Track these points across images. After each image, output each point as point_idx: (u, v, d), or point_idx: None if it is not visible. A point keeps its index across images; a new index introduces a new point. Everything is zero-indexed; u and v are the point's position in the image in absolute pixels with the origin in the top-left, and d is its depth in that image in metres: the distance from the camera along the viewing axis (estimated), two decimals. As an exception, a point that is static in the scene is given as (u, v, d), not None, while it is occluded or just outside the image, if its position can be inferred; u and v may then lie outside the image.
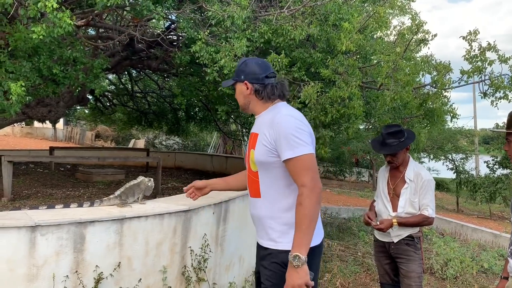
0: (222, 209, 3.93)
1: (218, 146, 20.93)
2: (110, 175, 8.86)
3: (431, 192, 3.28)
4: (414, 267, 3.30)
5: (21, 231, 2.67)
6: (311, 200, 2.01)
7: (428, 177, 3.32)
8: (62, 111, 8.10)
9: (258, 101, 2.29)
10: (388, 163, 3.42)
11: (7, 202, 6.11)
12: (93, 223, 2.91)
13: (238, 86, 2.33)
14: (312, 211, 2.01)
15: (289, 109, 2.25)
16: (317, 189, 2.04)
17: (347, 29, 4.99)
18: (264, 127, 2.19)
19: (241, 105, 2.36)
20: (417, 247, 3.35)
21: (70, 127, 29.25)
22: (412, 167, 3.36)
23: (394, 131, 3.40)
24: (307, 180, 2.03)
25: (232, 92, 5.86)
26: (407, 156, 3.41)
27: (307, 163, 2.05)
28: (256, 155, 2.20)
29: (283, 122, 2.11)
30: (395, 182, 3.40)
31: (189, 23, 5.44)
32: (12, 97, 4.40)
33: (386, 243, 3.46)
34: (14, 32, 4.55)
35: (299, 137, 2.07)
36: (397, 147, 3.31)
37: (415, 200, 3.30)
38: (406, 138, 3.36)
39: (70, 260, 2.84)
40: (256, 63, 2.31)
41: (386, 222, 3.30)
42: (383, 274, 3.55)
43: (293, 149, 2.05)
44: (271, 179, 2.20)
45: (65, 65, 5.66)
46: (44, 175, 9.13)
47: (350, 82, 4.99)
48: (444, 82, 4.77)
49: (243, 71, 2.29)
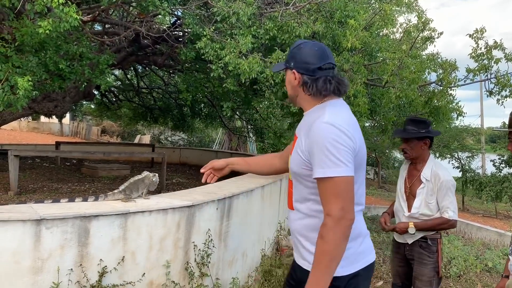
0: (225, 205, 3.94)
1: (223, 142, 20.98)
2: (115, 170, 8.92)
3: (450, 193, 3.09)
4: (426, 271, 3.16)
5: (26, 224, 2.70)
6: (336, 234, 1.67)
7: (447, 177, 3.11)
8: (68, 106, 8.16)
9: (306, 96, 1.89)
10: (403, 152, 3.26)
11: (13, 196, 6.18)
12: (98, 217, 2.93)
13: (287, 73, 1.94)
14: (334, 247, 1.67)
15: (335, 113, 1.80)
16: (345, 221, 1.68)
17: (353, 26, 4.98)
18: (303, 131, 1.85)
19: (290, 96, 2.01)
20: (432, 250, 3.18)
21: (76, 122, 29.43)
22: (431, 166, 3.17)
23: (417, 120, 3.26)
24: (335, 210, 1.67)
25: (236, 88, 5.89)
26: (427, 154, 3.21)
27: (337, 189, 1.68)
28: (291, 164, 1.90)
29: (319, 131, 1.72)
30: (412, 181, 3.24)
31: (194, 19, 5.46)
32: (19, 92, 4.45)
33: (401, 244, 3.33)
34: (21, 27, 4.59)
35: (335, 154, 1.67)
36: (412, 134, 3.15)
37: (431, 201, 3.12)
38: (427, 131, 3.18)
39: (75, 253, 2.87)
40: (311, 49, 1.88)
41: (402, 225, 3.17)
42: (395, 275, 3.46)
43: (324, 168, 1.68)
44: (303, 193, 1.87)
45: (71, 60, 5.70)
46: (50, 169, 9.20)
47: (355, 79, 4.99)
48: (449, 80, 4.76)
49: (293, 57, 1.90)
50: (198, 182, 8.28)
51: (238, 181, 5.00)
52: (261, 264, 4.77)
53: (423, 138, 3.16)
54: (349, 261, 1.80)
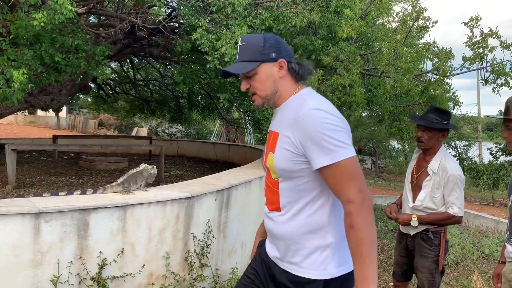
0: (224, 196, 3.96)
1: (221, 134, 20.97)
2: (113, 163, 8.92)
3: (458, 189, 2.96)
4: (426, 263, 3.09)
5: (25, 217, 2.71)
6: (364, 218, 1.58)
7: (455, 171, 2.96)
8: (64, 99, 8.13)
9: (288, 86, 1.76)
10: (417, 140, 3.11)
11: (12, 190, 6.17)
12: (97, 210, 2.95)
13: (264, 69, 1.72)
14: (369, 232, 1.58)
15: (317, 99, 1.71)
16: (367, 202, 1.60)
17: (349, 15, 4.97)
18: (286, 125, 1.71)
19: (267, 95, 1.76)
20: (434, 243, 3.07)
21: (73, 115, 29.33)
22: (440, 158, 3.03)
23: (441, 109, 3.11)
24: (354, 194, 1.57)
25: (233, 79, 5.87)
26: (439, 146, 3.08)
27: (350, 171, 1.58)
28: (277, 162, 1.73)
29: (312, 119, 1.61)
30: (419, 172, 3.14)
31: (190, 10, 5.43)
32: (14, 85, 4.42)
33: (404, 235, 3.28)
34: (15, 19, 4.54)
35: (335, 137, 1.58)
36: (434, 123, 2.99)
37: (436, 195, 3.01)
38: (448, 124, 3.05)
39: (74, 246, 2.89)
40: (280, 39, 1.78)
41: (405, 217, 3.10)
42: (396, 263, 3.43)
43: (330, 154, 1.57)
44: (295, 191, 1.73)
45: (67, 53, 5.67)
46: (47, 163, 9.19)
47: (351, 69, 4.99)
48: (445, 69, 4.76)
49: (273, 46, 1.72)
50: (196, 174, 8.29)
51: (236, 172, 5.02)
52: (259, 254, 4.80)
53: (443, 130, 3.04)
54: (344, 260, 1.73)
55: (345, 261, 1.74)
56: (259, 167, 5.43)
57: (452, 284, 5.22)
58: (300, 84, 1.79)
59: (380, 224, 7.98)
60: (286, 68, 1.74)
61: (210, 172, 5.87)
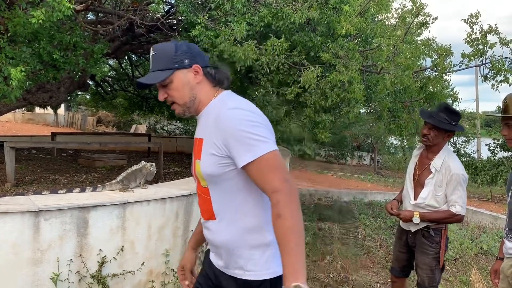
0: (223, 193, 3.97)
1: (219, 130, 20.92)
2: (112, 160, 8.92)
3: (460, 188, 2.95)
4: (426, 260, 3.10)
5: (25, 216, 2.71)
6: (292, 207, 1.52)
7: (458, 170, 2.95)
8: (63, 97, 8.11)
9: (207, 91, 1.75)
10: (423, 136, 3.08)
11: (10, 188, 6.17)
12: (96, 208, 2.95)
13: (178, 76, 1.71)
14: (296, 221, 1.52)
15: (236, 99, 1.72)
16: (294, 191, 1.55)
17: (348, 12, 4.96)
18: (209, 129, 1.69)
19: (185, 103, 1.74)
20: (435, 240, 3.08)
21: (71, 112, 29.27)
22: (443, 156, 3.02)
23: (452, 110, 3.08)
24: (280, 183, 1.53)
25: (232, 76, 5.86)
26: (443, 144, 3.07)
27: (273, 164, 1.55)
28: (203, 168, 1.70)
29: (231, 118, 1.60)
30: (422, 169, 3.12)
31: (188, 7, 5.41)
32: (12, 83, 4.41)
33: (404, 231, 3.27)
34: (13, 17, 4.53)
35: (256, 133, 1.57)
36: (443, 123, 2.97)
37: (439, 193, 3.00)
38: (457, 125, 3.05)
39: (74, 244, 2.89)
40: (194, 45, 1.78)
41: (407, 213, 3.08)
42: (395, 259, 3.43)
43: (252, 150, 1.55)
44: (224, 195, 1.71)
45: (65, 50, 5.66)
46: (46, 160, 9.18)
47: (350, 66, 4.98)
48: (444, 66, 4.76)
49: (185, 53, 1.71)
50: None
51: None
52: (259, 251, 4.81)
53: (450, 131, 3.04)
54: None
55: None
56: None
57: (451, 280, 5.24)
58: (218, 88, 1.77)
59: (379, 220, 8.00)
60: (201, 74, 1.72)
61: (209, 169, 5.86)
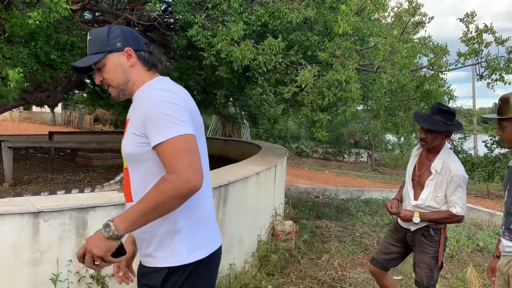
0: (221, 193, 3.99)
1: (217, 129, 20.98)
2: (110, 159, 8.93)
3: (461, 189, 2.94)
4: (426, 259, 3.08)
5: (24, 217, 2.73)
6: (174, 189, 1.45)
7: (459, 171, 2.94)
8: (60, 96, 8.12)
9: (141, 74, 1.74)
10: (421, 140, 3.06)
11: (9, 188, 6.18)
12: (95, 208, 2.97)
13: (110, 59, 1.70)
14: (164, 200, 1.46)
15: (165, 82, 1.72)
16: (191, 181, 1.46)
17: (344, 11, 4.98)
18: (134, 108, 1.67)
19: (119, 85, 1.73)
20: (434, 239, 3.07)
21: (68, 111, 29.21)
22: (443, 157, 2.99)
23: (445, 110, 3.01)
24: (182, 167, 1.46)
25: (229, 76, 5.89)
26: (443, 145, 3.04)
27: (181, 147, 1.50)
28: (125, 147, 1.68)
29: (151, 97, 1.59)
30: (422, 169, 3.10)
31: (185, 6, 5.42)
32: (10, 84, 4.42)
33: (403, 228, 3.23)
34: (10, 17, 4.53)
35: (172, 114, 1.53)
36: (439, 127, 2.94)
37: (439, 194, 2.99)
38: (453, 124, 3.01)
39: (73, 244, 2.91)
40: (128, 29, 1.78)
41: (407, 213, 3.05)
42: (382, 251, 3.36)
43: (164, 131, 1.51)
44: (142, 176, 1.65)
45: (62, 50, 5.66)
46: (44, 160, 9.19)
47: (347, 65, 5.01)
48: (440, 65, 4.79)
49: (118, 36, 1.70)
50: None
51: (233, 168, 5.05)
52: (257, 249, 4.85)
53: (448, 131, 3.01)
54: (198, 246, 1.65)
55: (199, 247, 1.66)
56: (256, 163, 5.45)
57: (447, 277, 5.28)
58: (155, 73, 1.77)
59: (376, 218, 8.04)
60: (135, 57, 1.71)
61: (207, 168, 5.89)
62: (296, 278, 4.72)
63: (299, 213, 7.66)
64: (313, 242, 6.05)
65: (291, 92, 5.26)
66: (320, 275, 4.79)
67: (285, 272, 4.85)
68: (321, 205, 9.63)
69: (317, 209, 8.60)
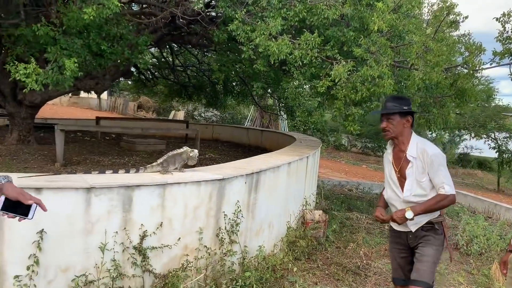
0: (253, 179, 4.26)
1: (255, 119, 21.27)
2: (152, 145, 9.39)
3: (442, 168, 2.86)
4: (430, 251, 2.91)
5: (78, 192, 3.10)
6: None
7: (435, 151, 2.90)
8: (108, 84, 8.63)
9: None
10: (382, 131, 3.05)
11: (60, 167, 6.69)
12: (139, 187, 3.31)
13: None
14: None
15: None
16: None
17: (380, 9, 5.10)
18: None
19: None
20: (438, 232, 2.96)
21: (113, 97, 30.35)
22: (415, 143, 2.96)
23: (398, 97, 3.15)
24: None
25: (266, 69, 6.12)
26: (409, 133, 3.01)
27: None
28: None
29: None
30: (400, 163, 3.01)
31: (227, 2, 5.69)
32: (66, 72, 4.86)
33: (403, 233, 3.06)
34: (68, 12, 4.96)
35: None
36: (394, 109, 2.95)
37: (422, 179, 2.90)
38: (409, 108, 3.00)
39: (119, 218, 3.26)
40: None
41: (399, 213, 2.89)
42: (396, 268, 3.19)
43: None
44: None
45: (112, 41, 6.08)
46: (91, 143, 9.77)
47: (381, 61, 5.13)
48: (474, 64, 4.83)
49: None
50: (229, 158, 8.65)
51: (266, 157, 5.31)
52: (286, 235, 5.11)
53: (406, 115, 2.98)
54: None
55: None
56: (288, 154, 5.69)
57: (473, 273, 5.36)
58: None
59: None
60: None
61: (242, 157, 6.18)
62: (322, 264, 4.96)
63: (330, 204, 7.84)
64: (342, 232, 6.24)
65: (325, 86, 5.43)
66: (346, 262, 5.00)
67: (312, 258, 5.09)
68: (354, 198, 9.75)
69: (349, 202, 8.75)
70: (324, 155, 19.53)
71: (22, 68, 4.62)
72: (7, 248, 2.89)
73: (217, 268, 3.86)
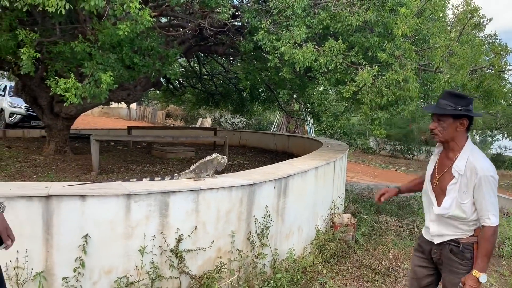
0: (282, 184, 4.40)
1: (281, 124, 21.41)
2: (182, 152, 9.65)
3: (492, 193, 2.40)
4: (456, 280, 2.52)
5: (119, 198, 3.31)
6: None
7: (487, 172, 2.39)
8: (139, 94, 8.94)
9: None
10: (431, 132, 2.60)
11: (96, 176, 6.99)
12: (175, 193, 3.50)
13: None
14: None
15: None
16: None
17: (404, 14, 5.17)
18: None
19: None
20: (466, 256, 2.52)
21: (142, 106, 31.05)
22: (466, 156, 2.47)
23: (456, 94, 2.53)
24: None
25: (292, 77, 6.27)
26: (463, 139, 2.52)
27: None
28: None
29: None
30: (442, 172, 2.59)
31: (252, 13, 5.88)
32: (102, 86, 5.13)
33: (427, 242, 2.73)
34: (103, 28, 5.24)
35: None
36: (446, 110, 2.46)
37: (465, 201, 2.46)
38: (466, 109, 2.46)
39: (157, 223, 3.46)
40: None
41: (470, 282, 2.43)
42: (413, 277, 2.85)
43: None
44: None
45: (143, 54, 6.35)
46: (124, 152, 10.10)
47: (406, 65, 5.20)
48: (500, 65, 4.84)
49: None
50: (257, 163, 8.81)
51: (294, 162, 5.44)
52: (315, 238, 5.22)
53: (460, 117, 2.46)
54: None
55: None
56: (315, 158, 5.80)
57: (505, 275, 5.33)
58: None
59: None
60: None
61: (270, 162, 6.34)
62: (351, 266, 5.04)
63: (359, 208, 7.88)
64: (371, 235, 6.29)
65: (351, 91, 5.53)
66: (375, 264, 5.07)
67: (342, 260, 5.17)
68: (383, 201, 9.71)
69: (378, 205, 8.74)
70: (352, 158, 19.48)
71: (62, 83, 4.90)
72: (56, 252, 3.12)
73: (249, 270, 4.01)
